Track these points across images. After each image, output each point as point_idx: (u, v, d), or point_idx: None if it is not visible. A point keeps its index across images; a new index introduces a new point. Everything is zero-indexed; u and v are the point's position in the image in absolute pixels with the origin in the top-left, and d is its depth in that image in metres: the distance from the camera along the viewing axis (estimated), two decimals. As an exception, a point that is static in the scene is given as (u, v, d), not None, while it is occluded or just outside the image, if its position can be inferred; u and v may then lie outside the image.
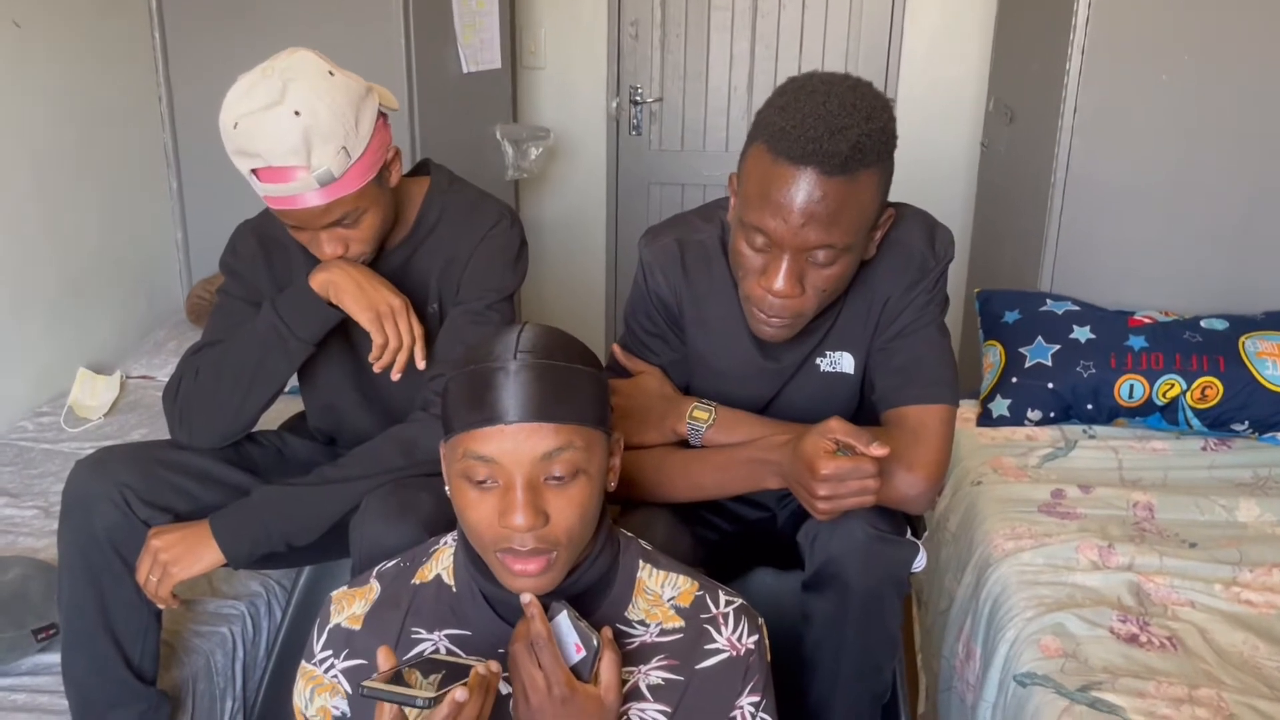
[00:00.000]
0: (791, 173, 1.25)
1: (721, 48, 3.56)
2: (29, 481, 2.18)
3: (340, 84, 1.42)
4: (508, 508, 1.05)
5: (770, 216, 1.28)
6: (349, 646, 1.18)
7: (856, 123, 1.23)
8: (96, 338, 2.70)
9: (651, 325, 1.56)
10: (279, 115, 1.37)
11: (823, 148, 1.22)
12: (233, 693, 1.79)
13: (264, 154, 1.39)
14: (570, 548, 1.09)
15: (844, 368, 1.51)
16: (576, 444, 1.06)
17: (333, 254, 1.52)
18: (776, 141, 1.26)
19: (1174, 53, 2.40)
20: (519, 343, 1.09)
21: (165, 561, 1.44)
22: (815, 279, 1.33)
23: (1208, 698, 1.49)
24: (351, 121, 1.41)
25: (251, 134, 1.38)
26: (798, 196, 1.25)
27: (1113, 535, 1.91)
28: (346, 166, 1.42)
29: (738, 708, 1.17)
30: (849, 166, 1.24)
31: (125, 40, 2.75)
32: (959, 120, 3.41)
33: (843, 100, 1.25)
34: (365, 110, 1.45)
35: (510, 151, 3.27)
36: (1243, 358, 2.25)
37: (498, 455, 1.05)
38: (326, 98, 1.39)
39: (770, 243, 1.30)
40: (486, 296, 1.61)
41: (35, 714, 1.57)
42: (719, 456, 1.48)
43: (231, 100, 1.41)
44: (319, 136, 1.38)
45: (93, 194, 2.65)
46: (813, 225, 1.26)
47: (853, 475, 1.26)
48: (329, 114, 1.39)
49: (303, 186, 1.41)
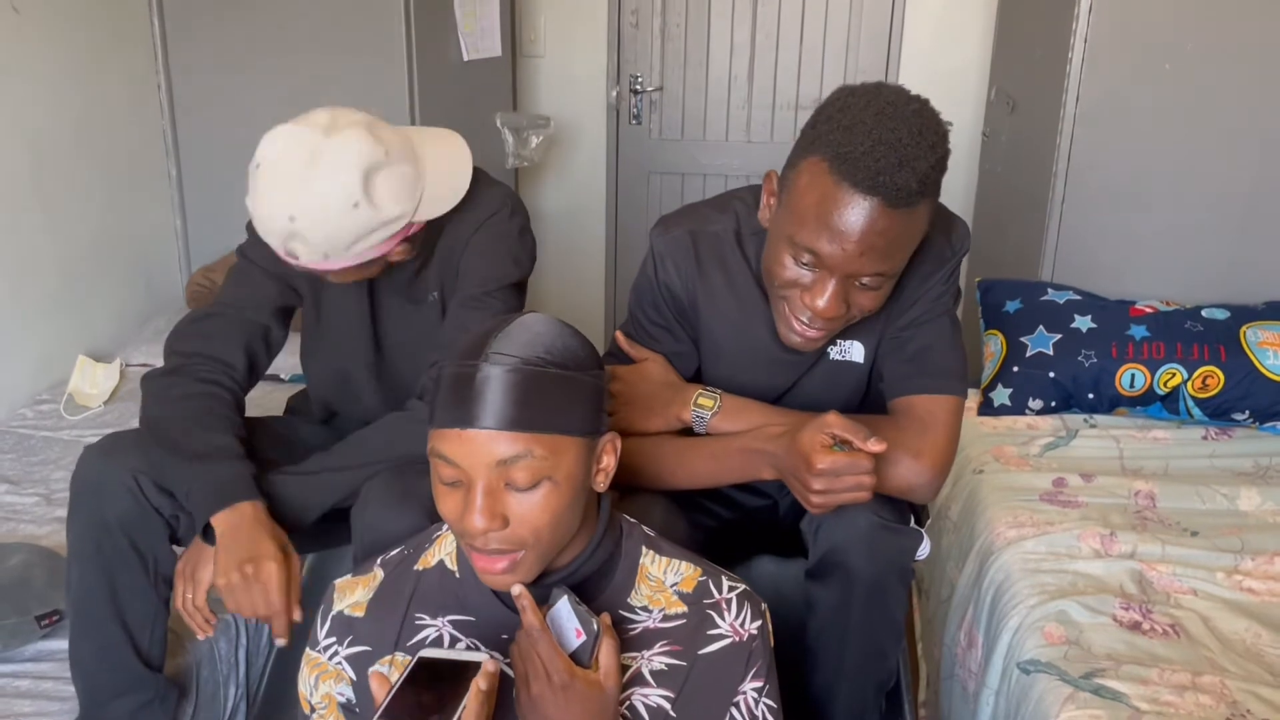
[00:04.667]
0: (856, 200, 1.21)
1: (722, 36, 3.55)
2: (29, 469, 2.18)
3: (358, 219, 1.39)
4: (467, 509, 1.05)
5: (827, 241, 1.24)
6: (353, 633, 1.18)
7: (923, 154, 1.21)
8: (96, 325, 2.69)
9: (658, 316, 1.55)
10: (278, 207, 1.38)
11: (893, 180, 1.19)
12: (236, 679, 1.79)
13: (287, 248, 1.42)
14: (539, 548, 1.08)
15: (854, 356, 1.51)
16: (536, 452, 1.04)
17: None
18: (841, 163, 1.22)
19: (1176, 42, 2.40)
20: (494, 342, 1.06)
21: (189, 572, 1.45)
22: (858, 299, 1.32)
23: (1211, 684, 1.50)
24: (343, 244, 1.40)
25: (254, 190, 1.39)
26: (858, 225, 1.22)
27: (1114, 523, 1.91)
28: (328, 266, 1.44)
29: (740, 693, 1.17)
30: (914, 201, 1.22)
31: (124, 27, 2.74)
32: (960, 109, 3.39)
33: (911, 128, 1.22)
34: (373, 237, 1.42)
35: (510, 140, 3.26)
36: (1244, 347, 2.26)
37: (458, 458, 1.04)
38: (328, 226, 1.38)
39: (820, 264, 1.28)
40: (486, 284, 1.59)
41: (39, 700, 1.57)
42: (714, 445, 1.47)
43: (264, 164, 1.39)
44: (301, 242, 1.39)
45: (92, 182, 2.65)
46: (871, 255, 1.24)
47: (848, 471, 1.26)
48: (323, 236, 1.39)
49: (327, 269, 1.45)
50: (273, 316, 1.65)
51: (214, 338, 1.59)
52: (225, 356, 1.58)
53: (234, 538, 1.39)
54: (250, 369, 1.62)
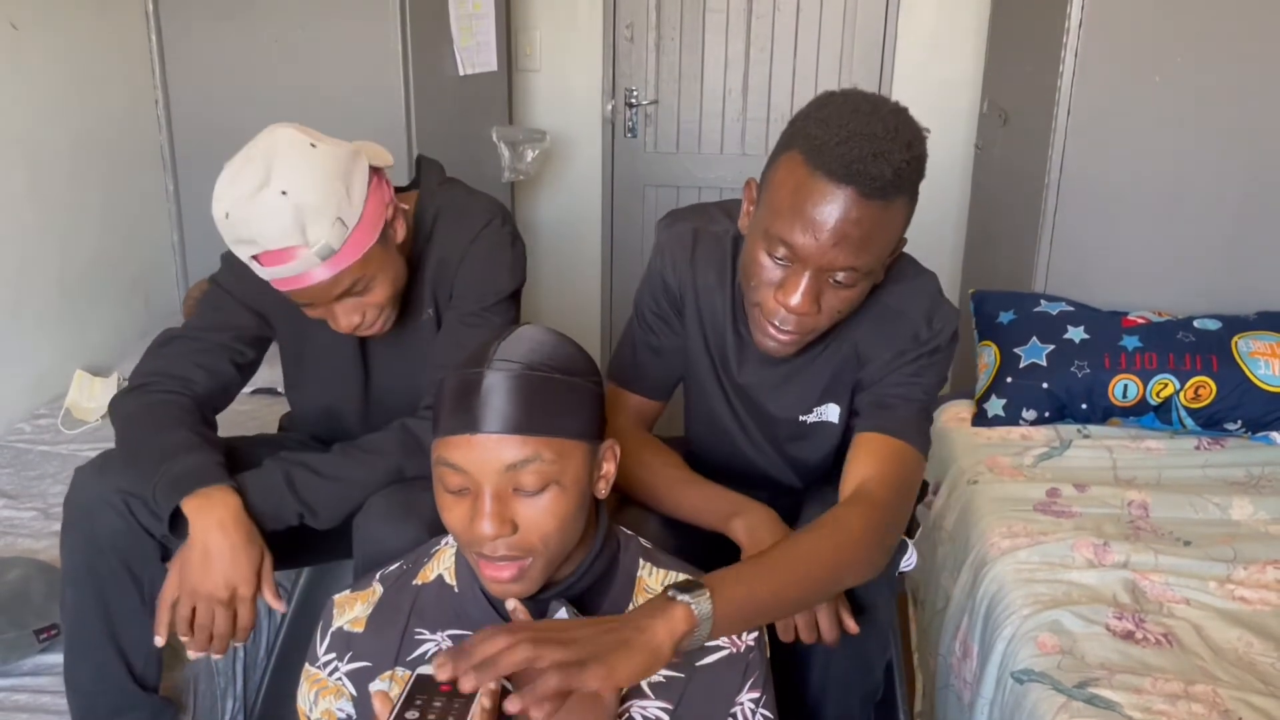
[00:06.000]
0: (829, 190, 1.21)
1: (716, 50, 3.57)
2: (27, 483, 2.19)
3: (325, 154, 1.38)
4: (476, 515, 1.05)
5: (800, 232, 1.24)
6: (352, 649, 1.19)
7: (898, 149, 1.20)
8: (93, 339, 2.70)
9: (656, 306, 1.56)
10: (266, 198, 1.33)
11: (866, 170, 1.19)
12: (233, 692, 1.79)
13: (259, 239, 1.36)
14: (547, 555, 1.09)
15: (829, 417, 1.52)
16: (545, 456, 1.05)
17: (349, 326, 1.49)
18: (816, 155, 1.21)
19: (1167, 54, 2.42)
20: (498, 350, 1.08)
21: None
22: (831, 299, 1.30)
23: (1204, 693, 1.50)
24: (342, 191, 1.38)
25: (244, 221, 1.35)
26: (833, 215, 1.21)
27: (1108, 533, 1.92)
28: (345, 237, 1.39)
29: (738, 704, 1.18)
30: (888, 192, 1.21)
31: (121, 43, 2.75)
32: (953, 122, 3.43)
33: (886, 123, 1.22)
34: (355, 176, 1.41)
35: (506, 154, 3.28)
36: (1235, 357, 2.27)
37: (466, 464, 1.05)
38: (312, 172, 1.35)
39: (793, 257, 1.27)
40: (484, 299, 1.60)
41: (37, 714, 1.57)
42: (707, 491, 1.49)
43: (220, 190, 1.37)
44: (311, 212, 1.35)
45: (89, 196, 2.66)
46: (843, 246, 1.23)
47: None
48: (316, 188, 1.35)
49: (305, 265, 1.38)
50: (241, 342, 1.63)
51: (175, 359, 1.59)
52: (185, 374, 1.57)
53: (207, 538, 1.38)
54: (216, 387, 1.60)
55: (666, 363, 1.59)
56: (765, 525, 1.41)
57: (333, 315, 1.48)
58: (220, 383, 1.61)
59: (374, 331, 1.54)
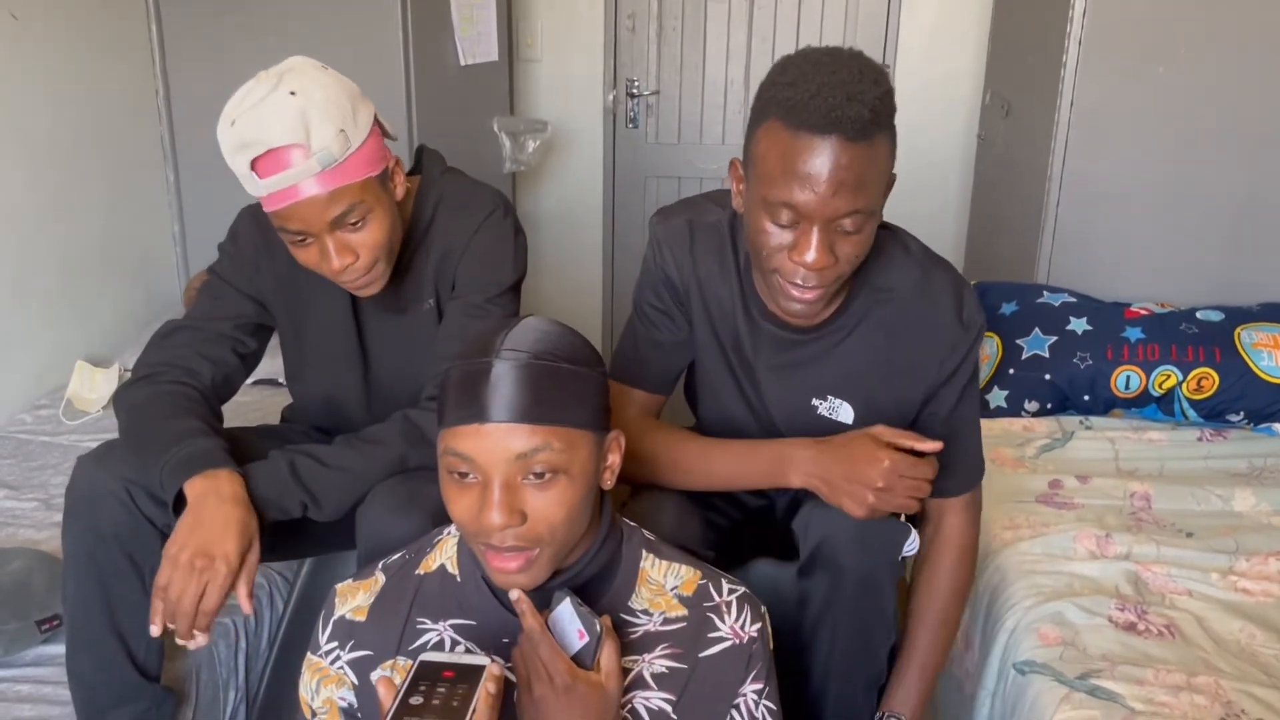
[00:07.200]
0: (816, 143, 1.23)
1: (718, 41, 3.56)
2: (29, 474, 2.19)
3: (335, 77, 1.42)
4: (484, 505, 1.05)
5: (799, 190, 1.25)
6: (354, 638, 1.19)
7: (868, 87, 1.23)
8: (94, 330, 2.70)
9: (659, 302, 1.56)
10: (275, 99, 1.35)
11: (845, 114, 1.21)
12: (235, 683, 1.79)
13: (262, 137, 1.35)
14: (554, 545, 1.09)
15: (842, 417, 1.52)
16: (555, 445, 1.05)
17: (340, 266, 1.45)
18: (794, 114, 1.24)
19: (1171, 45, 2.41)
20: (505, 339, 1.07)
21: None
22: (844, 247, 1.31)
23: (1206, 685, 1.51)
24: (349, 109, 1.40)
25: (249, 122, 1.35)
26: (825, 166, 1.23)
27: (1110, 525, 1.92)
28: (347, 150, 1.38)
29: (741, 695, 1.18)
30: (869, 132, 1.23)
31: (122, 33, 2.75)
32: (955, 113, 3.42)
33: (850, 68, 1.25)
34: (361, 108, 1.43)
35: (508, 144, 3.27)
36: (1238, 349, 2.27)
37: (475, 454, 1.04)
38: (323, 86, 1.38)
39: (798, 216, 1.28)
40: (487, 291, 1.60)
41: (39, 704, 1.58)
42: (740, 447, 1.49)
43: (229, 107, 1.38)
44: (317, 114, 1.35)
45: (90, 187, 2.65)
46: (843, 192, 1.25)
47: (911, 472, 1.35)
48: (325, 97, 1.37)
49: (303, 171, 1.36)
50: (242, 331, 1.63)
51: (180, 349, 1.58)
52: (190, 365, 1.57)
53: (202, 505, 1.35)
54: (220, 378, 1.60)
55: (668, 356, 1.59)
56: (813, 460, 1.43)
57: (324, 250, 1.44)
58: (224, 373, 1.61)
59: (365, 283, 1.50)
